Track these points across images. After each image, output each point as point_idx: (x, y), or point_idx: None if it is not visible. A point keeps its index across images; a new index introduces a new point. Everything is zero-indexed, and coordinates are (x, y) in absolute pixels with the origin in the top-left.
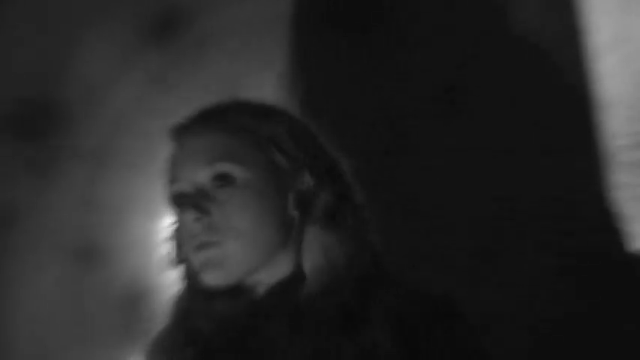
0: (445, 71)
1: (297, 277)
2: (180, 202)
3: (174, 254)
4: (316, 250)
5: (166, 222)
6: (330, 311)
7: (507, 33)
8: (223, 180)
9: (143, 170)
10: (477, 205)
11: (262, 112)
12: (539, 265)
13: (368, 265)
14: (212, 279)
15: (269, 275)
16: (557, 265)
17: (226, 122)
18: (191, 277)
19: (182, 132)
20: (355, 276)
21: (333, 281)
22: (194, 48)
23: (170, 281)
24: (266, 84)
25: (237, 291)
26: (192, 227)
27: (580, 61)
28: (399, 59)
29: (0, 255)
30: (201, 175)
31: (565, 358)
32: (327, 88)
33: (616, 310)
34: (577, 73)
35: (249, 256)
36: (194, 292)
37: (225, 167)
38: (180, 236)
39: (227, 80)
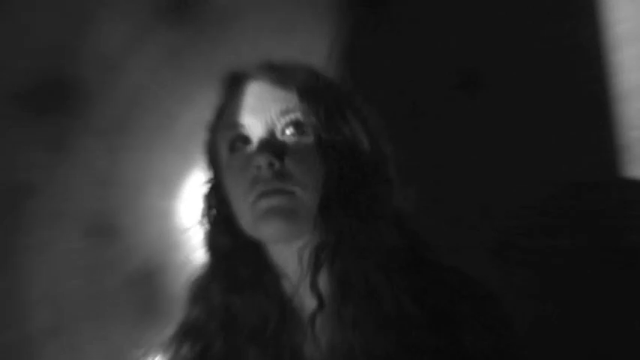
0: (464, 58)
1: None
2: (239, 146)
3: (205, 214)
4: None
5: (182, 197)
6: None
7: (527, 22)
8: (297, 128)
9: (159, 147)
10: (490, 193)
11: (326, 78)
12: (553, 257)
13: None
14: (274, 228)
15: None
16: (570, 258)
17: (296, 79)
18: (227, 225)
19: (244, 79)
20: (387, 252)
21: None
22: (211, 24)
23: (184, 258)
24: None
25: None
26: (263, 172)
27: (599, 52)
28: (418, 43)
29: (16, 231)
30: (275, 121)
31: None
32: (348, 66)
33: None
34: (596, 64)
35: (311, 213)
36: (238, 243)
37: (300, 117)
38: (213, 196)
39: (244, 56)
